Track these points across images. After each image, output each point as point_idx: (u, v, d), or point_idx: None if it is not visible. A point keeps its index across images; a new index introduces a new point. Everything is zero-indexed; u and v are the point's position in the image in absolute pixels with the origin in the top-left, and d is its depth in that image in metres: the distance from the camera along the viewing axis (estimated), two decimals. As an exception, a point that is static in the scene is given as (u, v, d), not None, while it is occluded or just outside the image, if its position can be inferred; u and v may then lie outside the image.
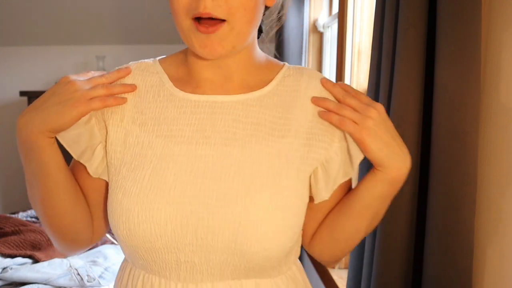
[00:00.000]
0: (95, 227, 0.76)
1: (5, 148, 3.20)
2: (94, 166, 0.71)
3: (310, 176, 0.70)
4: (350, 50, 1.51)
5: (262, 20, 0.74)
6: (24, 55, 3.13)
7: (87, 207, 0.74)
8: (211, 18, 0.62)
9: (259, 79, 0.72)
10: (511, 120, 0.75)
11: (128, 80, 0.72)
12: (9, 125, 3.20)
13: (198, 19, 0.62)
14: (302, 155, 0.68)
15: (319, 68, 2.22)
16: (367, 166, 0.76)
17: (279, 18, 0.78)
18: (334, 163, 0.69)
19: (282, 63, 0.76)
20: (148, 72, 0.73)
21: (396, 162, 0.67)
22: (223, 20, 0.62)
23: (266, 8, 0.71)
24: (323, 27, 2.15)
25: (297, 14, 2.13)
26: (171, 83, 0.72)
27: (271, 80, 0.72)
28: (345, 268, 1.61)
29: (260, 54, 0.75)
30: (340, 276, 1.56)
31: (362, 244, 1.05)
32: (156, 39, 2.90)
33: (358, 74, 1.50)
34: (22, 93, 2.76)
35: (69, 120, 0.64)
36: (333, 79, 1.92)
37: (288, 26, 2.11)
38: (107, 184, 0.72)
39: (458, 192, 0.78)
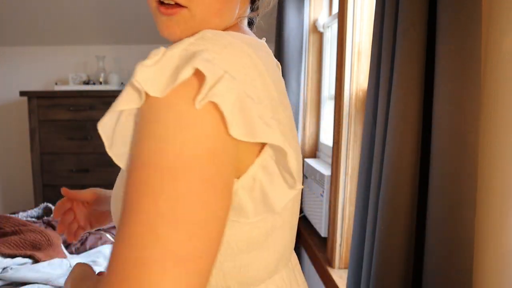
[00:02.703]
0: None
1: (6, 148, 3.20)
2: None
3: None
4: (350, 50, 1.51)
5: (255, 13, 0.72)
6: (24, 55, 3.14)
7: None
8: (177, 4, 0.61)
9: None
10: (511, 120, 0.75)
11: None
12: (9, 125, 3.20)
13: (161, 2, 0.62)
14: None
15: (319, 68, 2.22)
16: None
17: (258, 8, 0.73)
18: None
19: None
20: None
21: None
22: (185, 6, 0.61)
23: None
24: (323, 27, 2.15)
25: (297, 14, 2.12)
26: None
27: None
28: (345, 268, 1.61)
29: None
30: (340, 276, 1.56)
31: (362, 244, 1.05)
32: (157, 39, 2.90)
33: (358, 74, 1.50)
34: (22, 93, 2.76)
35: None
36: (333, 79, 1.92)
37: (288, 26, 2.11)
38: None
39: (458, 192, 0.78)
